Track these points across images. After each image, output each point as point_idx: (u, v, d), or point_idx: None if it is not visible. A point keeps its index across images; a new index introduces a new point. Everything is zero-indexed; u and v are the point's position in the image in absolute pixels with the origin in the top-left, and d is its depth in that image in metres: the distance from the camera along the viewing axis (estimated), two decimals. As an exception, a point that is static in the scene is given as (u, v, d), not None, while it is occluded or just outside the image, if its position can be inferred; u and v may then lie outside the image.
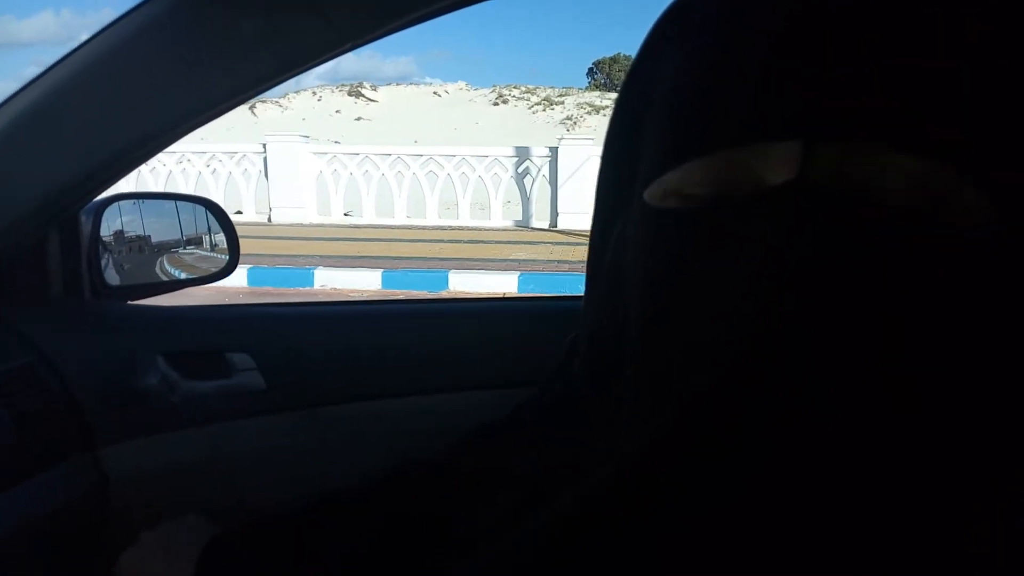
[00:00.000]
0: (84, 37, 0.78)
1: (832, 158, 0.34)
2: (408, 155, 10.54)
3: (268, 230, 9.69)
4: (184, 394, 0.91)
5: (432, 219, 10.36)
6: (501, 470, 0.56)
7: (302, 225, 10.25)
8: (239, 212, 10.58)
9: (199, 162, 10.36)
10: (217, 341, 0.96)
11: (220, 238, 0.96)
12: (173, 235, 0.97)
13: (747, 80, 0.36)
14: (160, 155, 10.07)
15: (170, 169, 10.27)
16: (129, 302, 0.95)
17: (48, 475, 0.81)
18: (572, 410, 0.54)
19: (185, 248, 0.98)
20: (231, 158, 10.59)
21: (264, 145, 10.53)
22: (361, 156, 10.54)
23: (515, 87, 49.63)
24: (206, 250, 0.99)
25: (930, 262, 0.34)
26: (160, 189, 10.05)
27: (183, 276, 0.98)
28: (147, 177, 10.10)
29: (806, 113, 0.34)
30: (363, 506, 0.88)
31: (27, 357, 0.83)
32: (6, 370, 0.79)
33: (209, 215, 0.97)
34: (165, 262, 0.97)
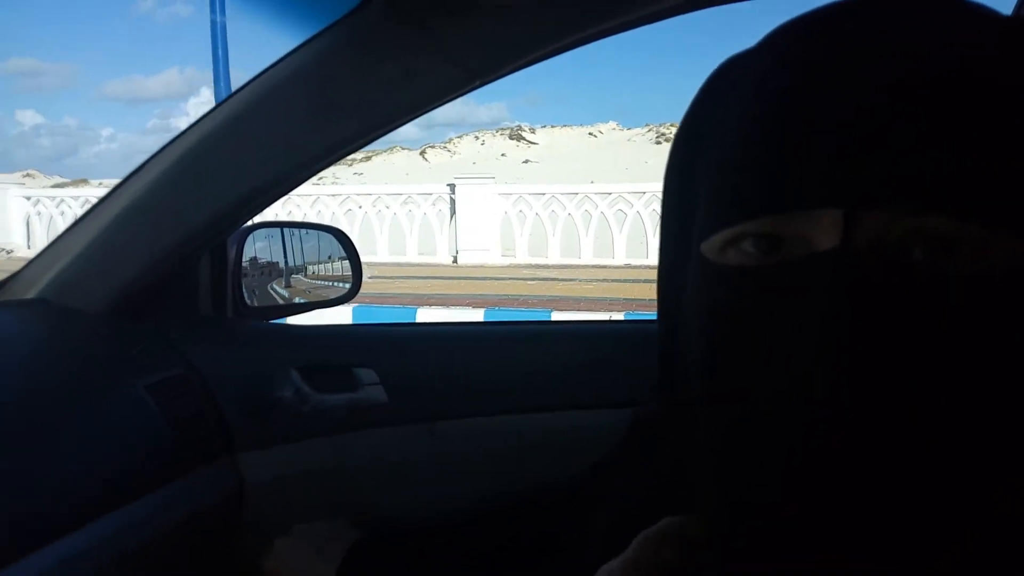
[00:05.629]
0: (205, 91, 0.88)
1: (874, 225, 0.36)
2: (595, 194, 10.63)
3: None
4: (314, 405, 0.98)
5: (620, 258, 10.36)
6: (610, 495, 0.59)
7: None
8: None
9: (394, 203, 11.07)
10: (344, 357, 1.03)
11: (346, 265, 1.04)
12: (304, 261, 1.06)
13: (795, 149, 0.38)
14: (354, 195, 10.98)
15: (365, 211, 11.04)
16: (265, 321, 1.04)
17: (194, 475, 0.89)
18: (659, 433, 0.57)
19: (314, 272, 1.07)
20: (426, 199, 11.20)
21: (451, 187, 11.03)
22: (548, 196, 10.74)
23: (672, 125, 48.79)
24: (334, 275, 1.07)
25: (968, 320, 0.36)
26: (355, 228, 10.81)
27: (310, 300, 1.07)
28: (340, 218, 10.87)
29: (850, 181, 0.36)
30: (497, 528, 0.91)
31: (180, 368, 0.93)
32: (163, 379, 0.89)
33: (336, 243, 1.05)
34: (295, 285, 1.06)
